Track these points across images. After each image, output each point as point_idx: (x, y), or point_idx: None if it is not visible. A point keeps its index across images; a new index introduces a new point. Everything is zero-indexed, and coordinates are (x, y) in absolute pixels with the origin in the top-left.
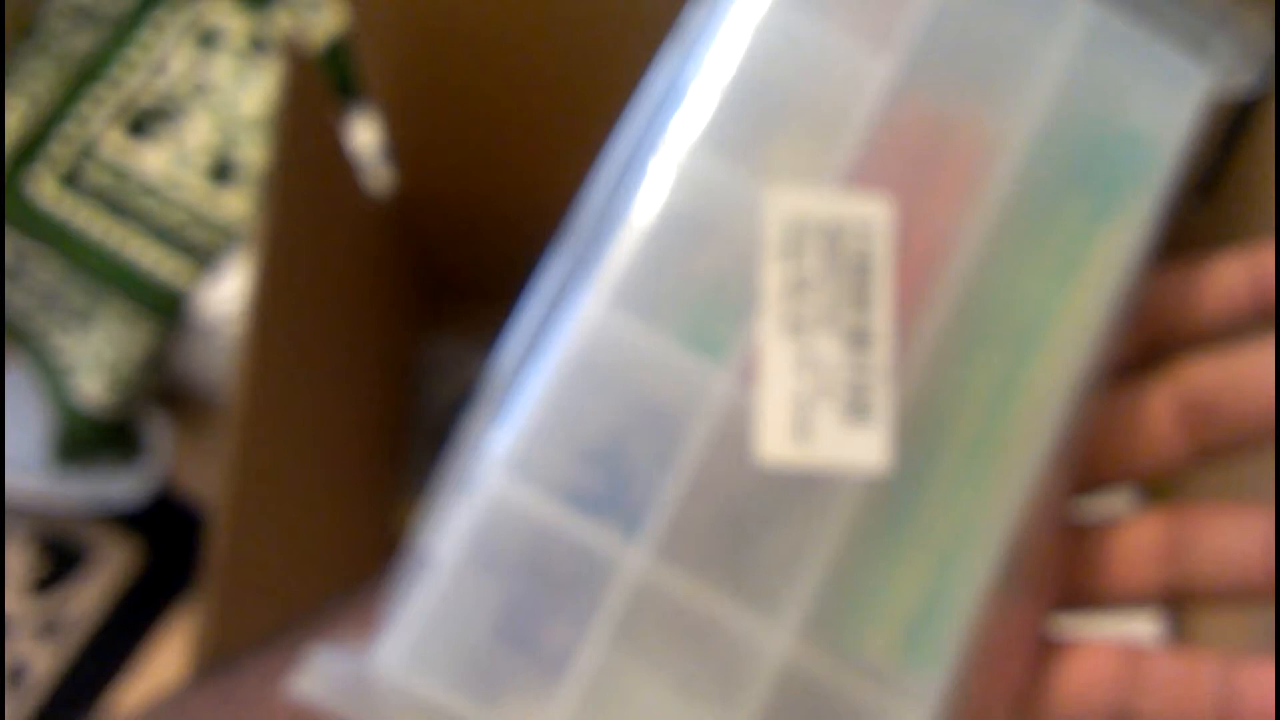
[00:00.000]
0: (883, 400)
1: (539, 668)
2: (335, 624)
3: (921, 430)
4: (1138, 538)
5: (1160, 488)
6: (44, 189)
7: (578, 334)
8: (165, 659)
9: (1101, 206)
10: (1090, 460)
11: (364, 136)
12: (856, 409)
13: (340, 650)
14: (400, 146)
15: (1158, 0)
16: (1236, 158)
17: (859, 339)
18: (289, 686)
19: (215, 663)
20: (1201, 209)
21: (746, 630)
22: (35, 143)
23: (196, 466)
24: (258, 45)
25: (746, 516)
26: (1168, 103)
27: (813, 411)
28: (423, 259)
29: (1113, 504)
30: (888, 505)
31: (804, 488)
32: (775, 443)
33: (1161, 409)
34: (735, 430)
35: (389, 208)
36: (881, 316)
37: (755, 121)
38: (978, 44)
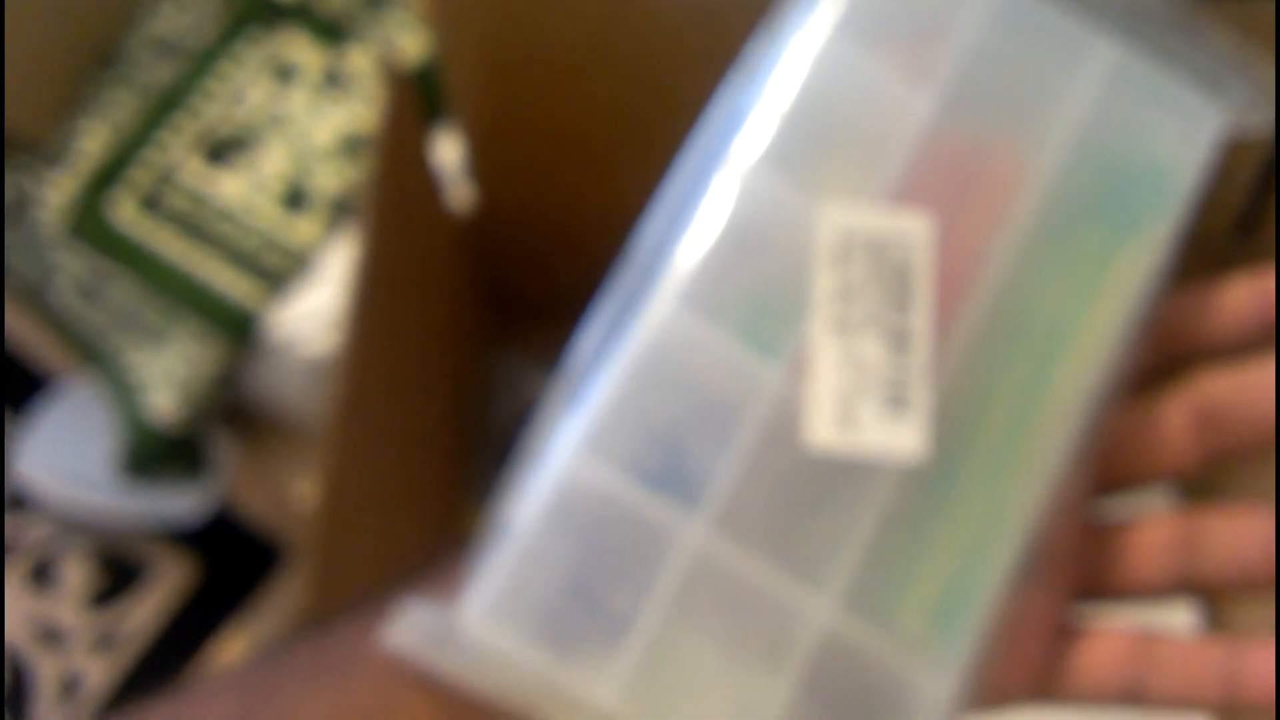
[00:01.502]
0: (920, 396)
1: (605, 627)
2: (419, 588)
3: (954, 425)
4: (1153, 534)
5: (1199, 489)
6: (124, 212)
7: (647, 330)
8: None
9: (1121, 230)
10: (1110, 463)
11: (446, 155)
12: (896, 403)
13: (427, 605)
14: (479, 168)
15: (1176, 43)
16: (1275, 196)
17: (899, 340)
18: (381, 637)
19: (306, 625)
20: (1241, 244)
21: (792, 599)
22: (116, 167)
23: (255, 485)
24: (331, 79)
25: (795, 497)
26: (1184, 137)
27: (856, 404)
28: (494, 277)
29: (1150, 504)
30: (922, 491)
31: (847, 472)
32: (822, 431)
33: (1176, 416)
34: (786, 419)
35: (467, 226)
36: (920, 321)
37: (810, 144)
38: (1010, 81)
